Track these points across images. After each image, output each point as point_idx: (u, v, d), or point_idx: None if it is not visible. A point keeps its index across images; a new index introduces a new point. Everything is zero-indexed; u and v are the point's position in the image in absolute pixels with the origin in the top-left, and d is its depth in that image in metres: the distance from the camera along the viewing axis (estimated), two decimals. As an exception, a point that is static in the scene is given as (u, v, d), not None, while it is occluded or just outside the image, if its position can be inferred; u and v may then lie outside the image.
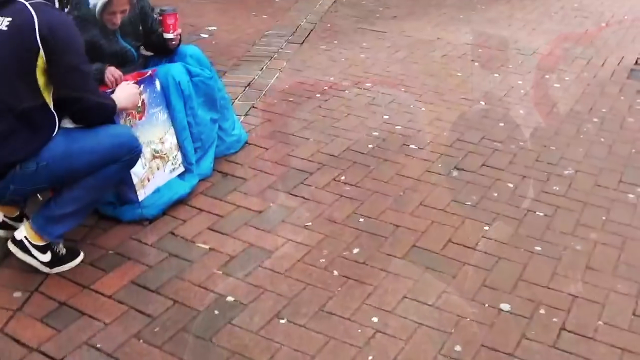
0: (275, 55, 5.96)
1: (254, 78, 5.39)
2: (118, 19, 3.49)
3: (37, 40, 2.71)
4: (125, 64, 3.68)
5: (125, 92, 3.24)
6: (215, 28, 6.85)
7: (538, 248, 3.35)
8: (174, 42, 3.87)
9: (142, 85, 3.48)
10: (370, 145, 4.36)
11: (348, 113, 4.82)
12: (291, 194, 3.76)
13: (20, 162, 2.82)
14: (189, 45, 4.01)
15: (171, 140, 3.69)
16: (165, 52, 3.92)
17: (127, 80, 3.44)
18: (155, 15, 3.92)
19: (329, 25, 7.07)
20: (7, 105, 2.77)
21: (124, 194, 3.44)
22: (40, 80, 2.78)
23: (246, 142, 4.28)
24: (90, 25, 3.48)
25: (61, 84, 2.82)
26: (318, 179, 3.94)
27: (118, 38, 3.66)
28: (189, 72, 3.79)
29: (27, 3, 2.77)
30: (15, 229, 3.13)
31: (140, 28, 3.85)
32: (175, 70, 3.70)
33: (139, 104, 3.44)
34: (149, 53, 4.01)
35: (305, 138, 4.41)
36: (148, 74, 3.56)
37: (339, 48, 6.30)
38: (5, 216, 3.30)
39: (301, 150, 4.25)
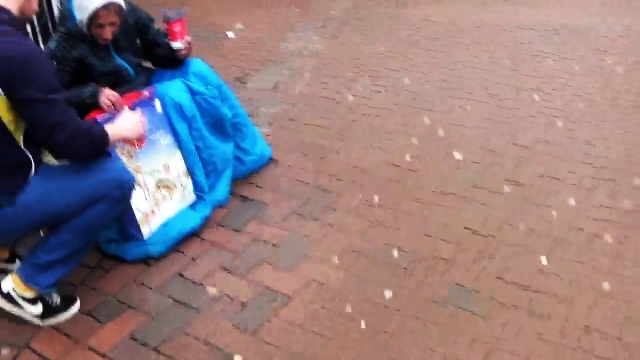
0: (306, 53, 5.50)
1: (280, 80, 4.95)
2: (108, 33, 3.10)
3: None
4: (122, 83, 3.29)
5: (127, 121, 2.83)
6: (242, 26, 6.43)
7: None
8: (183, 52, 3.44)
9: (138, 109, 3.08)
10: (408, 156, 3.87)
11: (385, 117, 4.33)
12: (315, 220, 3.32)
13: None
14: (194, 60, 3.57)
15: (178, 166, 3.28)
16: (177, 63, 3.50)
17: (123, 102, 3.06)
18: (155, 26, 3.51)
19: (361, 12, 6.56)
20: None
21: (127, 229, 3.04)
22: (5, 118, 2.41)
23: (270, 158, 3.84)
24: (78, 41, 3.12)
25: (29, 119, 2.44)
26: (347, 201, 3.48)
27: (112, 55, 3.26)
28: (191, 90, 3.35)
29: None
30: (6, 272, 2.79)
31: (139, 42, 3.44)
32: (173, 89, 3.27)
33: None
34: (149, 65, 3.61)
35: (334, 150, 3.95)
36: (144, 95, 3.15)
37: (372, 38, 5.80)
38: (-6, 258, 2.96)
39: (330, 165, 3.79)
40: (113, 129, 2.69)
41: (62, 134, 2.43)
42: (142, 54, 3.55)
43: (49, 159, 2.66)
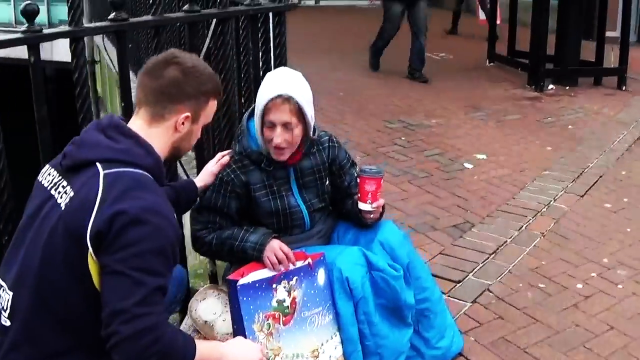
0: (544, 210, 4.59)
1: (506, 242, 4.10)
2: (278, 138, 2.60)
3: (86, 234, 1.85)
4: (289, 229, 2.78)
5: (239, 348, 2.21)
6: (484, 157, 5.68)
7: None
8: (370, 216, 2.81)
9: (294, 278, 2.48)
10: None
11: (612, 326, 3.30)
12: None
13: None
14: (386, 224, 2.91)
15: (333, 353, 2.61)
16: (359, 222, 2.88)
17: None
18: (355, 173, 2.94)
19: (623, 173, 5.47)
20: (58, 318, 1.97)
21: None
22: (99, 282, 1.93)
23: (459, 354, 3.02)
24: (252, 165, 2.72)
25: (102, 290, 1.91)
26: None
27: (291, 189, 2.78)
28: (369, 264, 2.68)
29: (102, 171, 1.93)
30: None
31: (327, 183, 2.87)
32: (345, 260, 2.63)
33: (287, 304, 2.45)
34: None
35: (543, 359, 3.02)
36: (307, 262, 2.56)
37: (630, 211, 4.72)
38: None
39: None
40: (210, 349, 2.10)
41: (127, 326, 1.83)
42: (330, 200, 2.98)
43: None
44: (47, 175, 2.09)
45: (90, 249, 1.88)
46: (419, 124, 6.66)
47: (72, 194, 1.94)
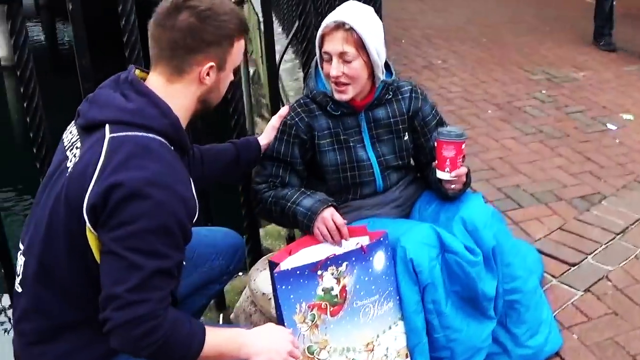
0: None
1: (638, 221, 3.53)
2: (334, 69, 2.30)
3: (83, 207, 1.64)
4: (357, 187, 2.48)
5: (264, 338, 1.89)
6: (631, 117, 4.99)
7: None
8: (452, 187, 2.43)
9: (344, 263, 2.17)
10: None
11: None
12: None
13: None
14: (473, 197, 2.50)
15: (394, 345, 2.28)
16: (440, 193, 2.50)
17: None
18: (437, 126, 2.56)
19: None
20: (63, 289, 1.81)
21: None
22: (98, 251, 1.72)
23: (557, 354, 2.59)
24: (318, 109, 2.44)
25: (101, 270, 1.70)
26: None
27: (364, 140, 2.46)
28: (442, 244, 2.30)
29: (108, 134, 1.69)
30: None
31: (407, 139, 2.52)
32: (411, 239, 2.26)
33: (336, 292, 2.14)
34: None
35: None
36: (358, 245, 2.22)
37: None
38: None
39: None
40: (228, 337, 1.82)
41: (119, 313, 1.62)
42: (413, 161, 2.63)
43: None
44: (69, 134, 1.89)
45: (88, 223, 1.67)
46: (564, 76, 6.01)
47: (77, 158, 1.73)
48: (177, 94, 1.80)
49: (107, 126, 1.72)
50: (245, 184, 2.90)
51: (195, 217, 1.77)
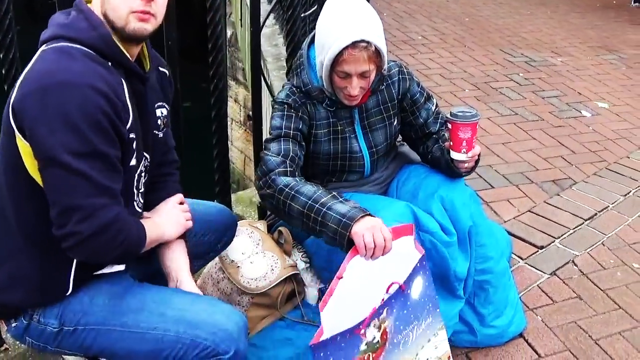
0: (663, 174, 4.00)
1: (607, 208, 3.58)
2: (355, 89, 2.21)
3: (9, 114, 1.64)
4: (344, 174, 2.49)
5: (168, 216, 1.97)
6: (605, 105, 5.04)
7: None
8: (466, 166, 2.40)
9: (385, 309, 1.97)
10: None
11: None
12: None
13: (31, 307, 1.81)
14: (457, 183, 2.48)
15: (432, 353, 2.19)
16: (450, 172, 2.48)
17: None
18: (432, 107, 2.54)
19: None
20: (4, 215, 1.76)
21: None
22: (31, 165, 1.66)
23: (521, 335, 2.62)
24: (312, 100, 2.35)
25: (44, 184, 1.65)
26: None
27: (356, 131, 2.43)
28: (418, 223, 2.30)
29: (43, 48, 1.68)
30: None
31: (396, 124, 2.51)
32: (387, 216, 2.21)
33: (377, 339, 1.96)
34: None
35: (615, 356, 2.57)
36: (396, 285, 2.01)
37: None
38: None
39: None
40: (152, 226, 1.83)
41: (85, 224, 1.59)
42: (402, 138, 2.62)
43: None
44: None
45: (16, 131, 1.61)
46: (542, 60, 6.04)
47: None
48: (95, 9, 1.74)
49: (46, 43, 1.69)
50: (218, 150, 2.87)
51: (129, 123, 1.71)
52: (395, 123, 2.51)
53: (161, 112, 1.98)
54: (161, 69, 2.01)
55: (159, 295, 1.85)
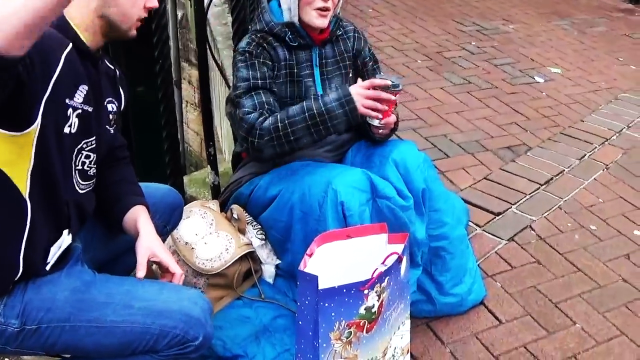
0: (614, 138, 4.02)
1: (562, 172, 3.59)
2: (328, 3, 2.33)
3: None
4: None
5: None
6: (558, 71, 5.06)
7: None
8: (381, 131, 2.41)
9: (386, 279, 1.96)
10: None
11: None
12: None
13: None
14: (405, 143, 2.50)
15: (399, 344, 2.16)
16: (369, 136, 2.49)
17: None
18: (380, 72, 2.58)
19: None
20: None
21: None
22: None
23: (481, 303, 2.61)
24: (275, 42, 2.42)
25: None
26: None
27: (314, 75, 2.47)
28: (373, 188, 2.26)
29: None
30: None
31: (351, 76, 2.57)
32: (343, 182, 2.20)
33: (375, 309, 1.96)
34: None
35: (575, 318, 2.58)
36: (395, 255, 1.99)
37: None
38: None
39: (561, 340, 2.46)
40: None
41: None
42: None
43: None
44: None
45: None
46: (494, 28, 6.04)
47: None
48: (75, 3, 1.66)
49: None
50: (167, 132, 2.80)
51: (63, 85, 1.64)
52: (351, 75, 2.55)
53: (112, 107, 1.92)
54: (110, 65, 1.94)
55: (123, 286, 1.80)
